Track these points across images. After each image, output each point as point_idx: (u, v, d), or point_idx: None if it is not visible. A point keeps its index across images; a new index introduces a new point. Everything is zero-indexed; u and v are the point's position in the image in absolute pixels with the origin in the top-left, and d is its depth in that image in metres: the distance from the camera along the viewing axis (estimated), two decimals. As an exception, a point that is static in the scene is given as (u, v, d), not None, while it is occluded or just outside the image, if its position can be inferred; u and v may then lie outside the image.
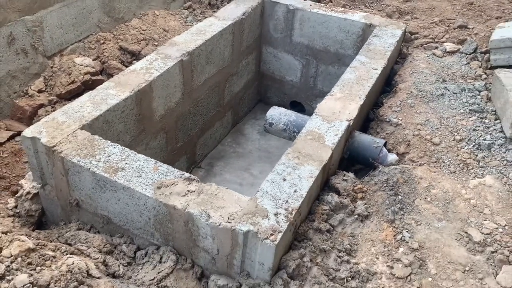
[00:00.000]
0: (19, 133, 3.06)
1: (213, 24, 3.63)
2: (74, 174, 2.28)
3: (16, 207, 2.64)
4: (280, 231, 1.93)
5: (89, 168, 2.19)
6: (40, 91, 3.24)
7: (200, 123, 3.78)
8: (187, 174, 2.19)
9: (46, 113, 3.16)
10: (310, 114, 4.62)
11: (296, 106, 4.72)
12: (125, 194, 2.15)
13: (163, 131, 3.26)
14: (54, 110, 3.21)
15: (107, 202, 2.27)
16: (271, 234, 1.91)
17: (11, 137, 3.00)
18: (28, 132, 2.35)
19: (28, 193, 2.59)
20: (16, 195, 2.66)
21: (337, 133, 2.55)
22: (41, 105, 3.19)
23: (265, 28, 4.30)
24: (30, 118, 3.14)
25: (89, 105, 2.59)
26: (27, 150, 2.40)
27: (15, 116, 3.14)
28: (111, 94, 2.71)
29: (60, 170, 2.32)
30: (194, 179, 2.17)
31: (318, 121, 2.64)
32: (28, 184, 2.65)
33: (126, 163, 2.23)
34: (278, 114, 2.99)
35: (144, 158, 2.27)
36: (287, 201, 2.08)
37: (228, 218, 1.97)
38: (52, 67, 3.34)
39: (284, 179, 2.20)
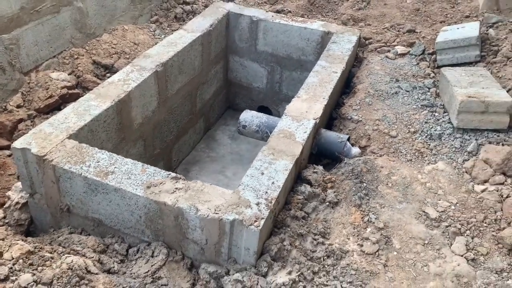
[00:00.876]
0: (1, 148, 3.16)
1: (183, 36, 3.85)
2: (66, 180, 2.42)
3: (4, 217, 2.74)
4: (263, 218, 2.16)
5: (81, 174, 2.35)
6: (18, 106, 3.34)
7: (175, 130, 3.96)
8: (173, 174, 2.39)
9: (26, 127, 3.27)
10: (277, 117, 4.91)
11: (263, 110, 4.98)
12: (117, 195, 2.33)
13: (141, 139, 3.43)
14: (33, 124, 3.32)
15: (99, 205, 2.43)
16: (255, 221, 2.14)
17: (-7, 152, 3.09)
18: (17, 143, 2.47)
19: (17, 203, 2.70)
20: (4, 206, 2.76)
21: (306, 131, 2.82)
22: (21, 120, 3.29)
23: (231, 39, 4.55)
24: (11, 132, 3.24)
25: (73, 116, 2.74)
26: (17, 161, 2.52)
27: (-5, 131, 3.22)
28: (93, 105, 2.87)
29: (51, 178, 2.46)
30: (180, 178, 2.37)
31: (288, 120, 2.90)
32: (15, 195, 2.76)
33: (115, 167, 2.40)
34: (250, 116, 3.23)
35: (132, 162, 2.45)
36: (266, 192, 2.31)
37: (215, 210, 2.19)
38: (29, 82, 3.45)
39: (262, 173, 2.44)
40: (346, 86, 4.03)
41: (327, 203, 2.61)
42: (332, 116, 3.62)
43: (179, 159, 4.24)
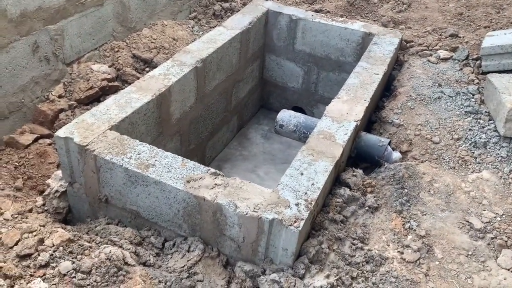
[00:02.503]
0: (42, 136, 3.22)
1: (222, 33, 3.84)
2: (106, 171, 2.44)
3: (44, 204, 2.78)
4: (302, 219, 2.12)
5: (122, 165, 2.36)
6: (60, 96, 3.40)
7: (209, 127, 3.96)
8: (212, 170, 2.38)
9: (66, 117, 3.32)
10: (311, 119, 4.85)
11: (297, 111, 4.93)
12: (157, 188, 2.33)
13: (178, 134, 3.43)
14: (74, 115, 3.37)
15: (137, 196, 2.43)
16: (294, 221, 2.10)
17: (35, 140, 3.15)
18: (61, 132, 2.51)
19: (56, 191, 2.74)
20: (44, 194, 2.81)
21: (346, 132, 2.76)
22: (62, 110, 3.35)
23: (269, 37, 4.52)
24: (52, 122, 3.29)
25: (115, 108, 2.77)
26: (59, 150, 2.56)
27: (37, 120, 3.29)
28: (134, 97, 2.89)
29: (92, 167, 2.48)
30: (219, 174, 2.35)
31: (328, 121, 2.84)
32: (55, 183, 2.80)
33: (155, 160, 2.40)
34: (288, 116, 3.19)
35: (172, 156, 2.45)
36: (306, 193, 2.27)
37: (254, 208, 2.16)
38: (71, 73, 3.51)
39: (302, 174, 2.40)
40: (386, 89, 3.94)
41: (367, 208, 2.54)
42: (371, 119, 3.54)
43: (212, 156, 4.24)
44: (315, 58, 4.43)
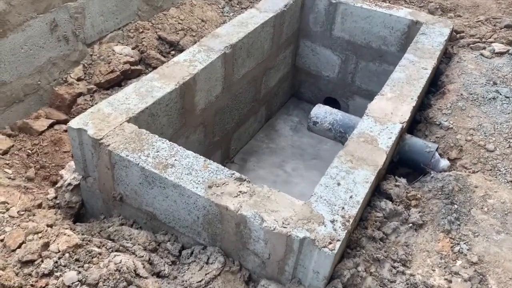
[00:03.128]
0: (58, 122, 3.02)
1: (255, 16, 3.52)
2: (121, 168, 2.21)
3: (56, 197, 2.59)
4: (338, 240, 1.84)
5: (138, 163, 2.12)
6: (79, 79, 3.18)
7: (236, 118, 3.69)
8: (237, 174, 2.11)
9: (85, 101, 3.11)
10: (345, 111, 4.51)
11: (330, 102, 4.61)
12: (175, 192, 2.08)
13: (202, 125, 3.18)
14: (92, 99, 3.15)
15: (154, 198, 2.20)
16: (329, 243, 1.82)
17: (51, 126, 2.95)
18: (74, 123, 2.28)
19: (69, 184, 2.54)
20: (56, 186, 2.61)
21: (391, 136, 2.44)
22: (80, 94, 3.13)
23: (304, 21, 4.18)
24: (69, 106, 3.09)
25: (135, 97, 2.52)
26: (71, 141, 2.34)
27: (54, 104, 3.09)
28: (156, 86, 2.63)
29: (106, 163, 2.26)
30: (245, 180, 2.09)
31: (370, 122, 2.53)
32: (68, 174, 2.60)
33: (175, 160, 2.16)
34: (323, 112, 2.88)
35: (193, 155, 2.20)
36: (343, 208, 1.98)
37: (283, 223, 1.89)
38: (91, 55, 3.28)
39: (339, 184, 2.11)
40: (432, 83, 3.56)
41: (410, 225, 2.24)
42: (415, 118, 3.19)
43: (237, 148, 3.98)
44: (354, 46, 4.07)
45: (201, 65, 2.88)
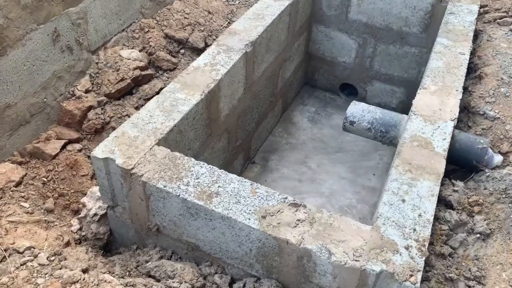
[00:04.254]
0: (70, 141, 2.76)
1: (270, 6, 3.24)
2: (158, 199, 1.98)
3: (81, 229, 2.37)
4: (419, 270, 1.65)
5: (179, 195, 1.89)
6: (87, 91, 2.90)
7: (256, 117, 3.45)
8: (290, 198, 1.90)
9: (96, 116, 2.84)
10: (363, 97, 4.29)
11: (347, 88, 4.38)
12: (223, 224, 1.87)
13: (226, 132, 2.94)
14: (104, 112, 2.88)
15: (197, 230, 1.98)
16: (410, 275, 1.63)
17: (63, 146, 2.69)
18: (99, 151, 2.03)
19: (95, 214, 2.31)
20: (79, 216, 2.38)
21: (445, 137, 2.24)
22: (90, 107, 2.86)
23: (317, 5, 3.90)
24: (80, 122, 2.82)
25: (160, 114, 2.27)
26: (97, 172, 2.09)
27: (63, 121, 2.81)
28: (180, 98, 2.38)
29: (140, 194, 2.02)
30: (300, 205, 1.87)
31: (419, 122, 2.31)
32: (91, 203, 2.36)
33: (219, 186, 1.93)
34: (360, 111, 2.66)
35: (238, 179, 1.97)
36: (414, 229, 1.79)
37: (354, 255, 1.69)
38: (97, 62, 2.99)
39: (403, 200, 1.91)
40: (462, 67, 3.35)
41: (477, 235, 2.06)
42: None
43: (257, 147, 3.76)
44: (372, 28, 3.82)
45: (224, 69, 2.62)
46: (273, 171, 3.66)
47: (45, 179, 2.49)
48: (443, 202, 2.20)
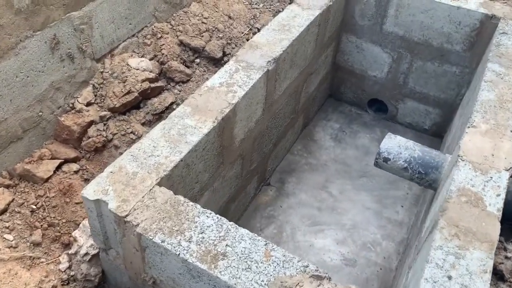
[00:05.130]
0: (66, 161, 2.47)
1: (297, 16, 2.89)
2: (155, 254, 1.68)
3: (70, 267, 2.09)
4: None
5: (178, 254, 1.58)
6: (89, 104, 2.61)
7: (274, 137, 3.12)
8: (312, 267, 1.57)
9: (97, 132, 2.55)
10: (393, 116, 3.92)
11: (374, 104, 4.01)
12: (230, 294, 1.56)
13: (240, 158, 2.62)
14: (107, 129, 2.59)
15: (199, 292, 1.68)
16: None
17: (58, 166, 2.41)
18: (90, 191, 1.74)
19: (86, 254, 2.03)
20: (69, 252, 2.10)
21: (499, 192, 1.88)
22: (91, 123, 2.57)
23: (349, 14, 3.53)
24: (79, 139, 2.53)
25: (165, 145, 1.96)
26: (88, 212, 1.80)
27: (60, 136, 2.53)
28: (189, 126, 2.06)
29: (134, 244, 1.73)
30: (324, 277, 1.55)
31: (468, 171, 1.96)
32: (83, 238, 2.08)
33: (227, 245, 1.62)
34: (396, 147, 2.31)
35: (250, 237, 1.65)
36: (463, 319, 1.45)
37: None
38: (102, 72, 2.69)
39: (449, 277, 1.57)
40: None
41: (535, 318, 1.71)
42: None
43: (273, 168, 3.43)
44: (409, 43, 3.43)
45: (242, 91, 2.29)
46: (289, 196, 3.34)
47: (34, 206, 2.22)
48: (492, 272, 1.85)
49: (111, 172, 1.82)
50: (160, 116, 2.81)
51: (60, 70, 2.43)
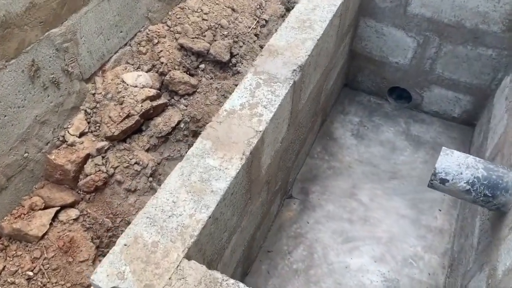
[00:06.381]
0: (63, 207, 2.08)
1: (317, 7, 2.46)
2: None
3: None
4: None
5: None
6: (82, 134, 2.20)
7: (297, 148, 2.75)
8: None
9: (96, 168, 2.15)
10: (417, 104, 3.55)
11: (394, 91, 3.63)
12: None
13: (266, 184, 2.25)
14: (107, 163, 2.19)
15: None
16: None
17: (55, 215, 2.02)
18: (102, 277, 1.36)
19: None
20: (80, 326, 1.75)
21: None
22: (87, 157, 2.17)
23: (368, -4, 3.10)
24: (75, 179, 2.14)
25: (186, 198, 1.57)
26: (101, 298, 1.43)
27: (53, 177, 2.13)
28: (213, 167, 1.67)
29: (165, 338, 1.37)
30: None
31: (558, 202, 1.61)
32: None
33: None
34: (455, 165, 1.94)
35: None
36: None
37: None
38: (94, 93, 2.26)
39: None
40: None
41: None
42: None
43: (294, 177, 3.07)
44: (438, 25, 3.02)
45: (268, 112, 1.90)
46: (315, 208, 2.99)
47: (30, 273, 1.85)
48: None
49: (125, 245, 1.44)
50: (166, 138, 2.41)
51: (44, 101, 2.00)
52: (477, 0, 2.81)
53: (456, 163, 1.96)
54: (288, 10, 3.15)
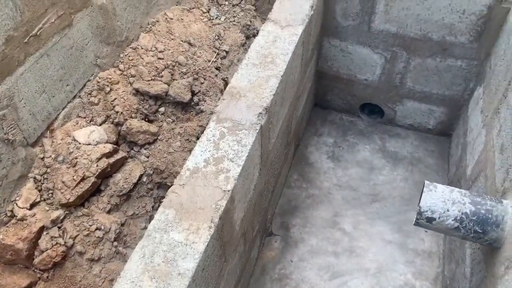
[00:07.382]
0: (18, 292, 1.86)
1: (278, 39, 2.31)
2: None
3: None
4: None
5: None
6: (33, 205, 1.98)
7: (272, 185, 2.59)
8: None
9: (52, 241, 1.94)
10: (391, 119, 3.45)
11: (366, 107, 3.52)
12: None
13: (242, 237, 2.08)
14: (63, 233, 1.98)
15: None
16: None
17: (8, 305, 1.80)
18: None
19: None
20: None
21: None
22: (41, 230, 1.95)
23: (329, 15, 2.97)
24: (29, 257, 1.92)
25: (151, 285, 1.38)
26: None
27: (3, 258, 1.91)
28: (178, 243, 1.49)
29: None
30: None
31: (555, 241, 1.49)
32: None
33: None
34: (441, 202, 1.81)
35: None
36: None
37: None
38: (43, 158, 2.05)
39: None
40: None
41: None
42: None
43: (272, 211, 2.90)
44: (404, 39, 2.92)
45: (236, 166, 1.73)
46: (298, 244, 2.83)
47: None
48: None
49: None
50: (128, 195, 2.21)
51: (-17, 177, 1.78)
52: (441, 13, 2.71)
53: (441, 200, 1.83)
54: (248, 37, 2.99)
